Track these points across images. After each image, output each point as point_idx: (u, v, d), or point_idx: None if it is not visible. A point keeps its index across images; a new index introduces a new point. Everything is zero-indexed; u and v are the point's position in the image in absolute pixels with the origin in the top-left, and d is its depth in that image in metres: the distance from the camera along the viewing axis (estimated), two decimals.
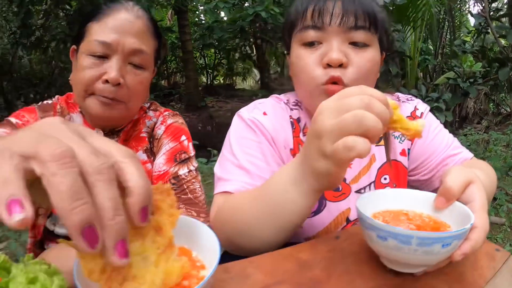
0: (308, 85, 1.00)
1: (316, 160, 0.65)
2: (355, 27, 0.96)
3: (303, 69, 1.00)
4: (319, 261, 0.67)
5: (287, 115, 1.12)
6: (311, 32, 0.98)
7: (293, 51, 1.05)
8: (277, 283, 0.61)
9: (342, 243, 0.74)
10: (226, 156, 1.06)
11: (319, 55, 0.98)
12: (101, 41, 1.06)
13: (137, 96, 1.15)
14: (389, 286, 0.61)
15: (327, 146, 0.61)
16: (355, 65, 0.97)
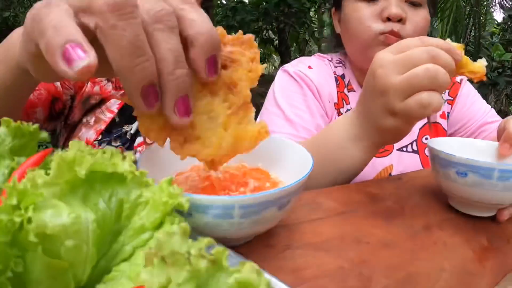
0: (364, 36, 0.99)
1: (383, 117, 0.62)
2: None
3: (361, 20, 0.99)
4: (388, 195, 0.67)
5: (331, 71, 1.14)
6: None
7: (347, 5, 1.04)
8: (351, 211, 0.60)
9: (405, 183, 0.74)
10: (270, 109, 1.06)
11: (378, 8, 0.98)
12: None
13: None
14: (462, 219, 0.61)
15: (396, 103, 0.58)
16: (413, 22, 0.98)
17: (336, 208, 0.61)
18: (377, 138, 0.67)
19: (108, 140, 1.12)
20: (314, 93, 1.07)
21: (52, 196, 0.24)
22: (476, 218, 0.61)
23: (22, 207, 0.22)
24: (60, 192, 0.24)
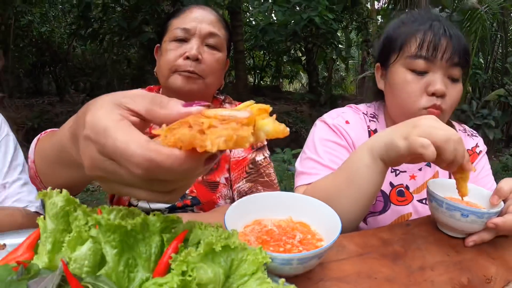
0: (410, 109, 1.19)
1: (398, 137, 0.86)
2: (457, 64, 1.15)
3: (409, 94, 1.18)
4: (397, 240, 0.88)
5: (366, 125, 1.33)
6: (421, 62, 1.16)
7: (396, 72, 1.22)
8: (367, 253, 0.82)
9: (412, 229, 0.95)
10: (309, 155, 1.27)
11: (424, 83, 1.16)
12: (182, 27, 1.29)
13: (213, 73, 1.33)
14: (451, 261, 0.81)
15: (413, 134, 0.82)
16: (451, 97, 1.17)
17: (356, 251, 0.82)
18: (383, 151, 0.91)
19: None
20: (350, 145, 1.28)
21: (200, 261, 0.46)
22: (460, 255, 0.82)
23: (188, 269, 0.45)
24: (203, 259, 0.47)
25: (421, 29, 1.18)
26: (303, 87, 16.70)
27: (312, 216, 0.78)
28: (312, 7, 8.03)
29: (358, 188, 0.95)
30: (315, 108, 9.88)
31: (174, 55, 1.28)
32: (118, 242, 0.47)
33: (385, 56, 1.29)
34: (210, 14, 1.35)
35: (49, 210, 0.57)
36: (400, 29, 1.25)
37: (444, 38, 1.15)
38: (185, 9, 1.37)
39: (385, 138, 0.91)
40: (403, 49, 1.21)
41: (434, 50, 1.15)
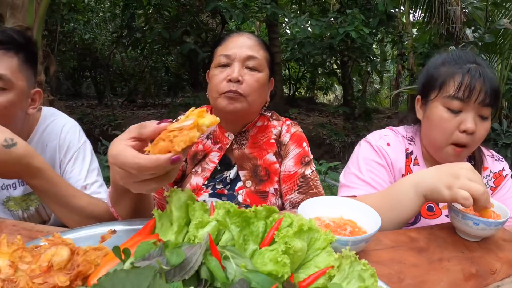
0: (441, 141, 1.43)
1: (443, 187, 1.10)
2: (488, 105, 1.37)
3: (444, 130, 1.41)
4: (422, 238, 1.13)
5: (404, 147, 1.56)
6: (457, 103, 1.38)
7: (435, 108, 1.44)
8: (398, 246, 1.07)
9: (435, 231, 1.19)
10: (352, 171, 1.53)
11: (458, 121, 1.39)
12: (224, 54, 1.49)
13: (254, 92, 1.49)
14: (464, 256, 1.06)
15: (455, 186, 1.07)
16: (479, 134, 1.40)
17: (389, 244, 1.08)
18: (427, 192, 1.15)
19: (213, 184, 1.59)
20: (389, 166, 1.52)
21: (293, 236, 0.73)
22: (472, 253, 1.06)
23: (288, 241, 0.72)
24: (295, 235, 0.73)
25: (459, 72, 1.39)
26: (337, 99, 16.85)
27: (358, 216, 1.05)
28: (348, 22, 8.23)
29: (398, 213, 1.21)
30: (349, 121, 10.04)
31: (218, 79, 1.48)
32: (240, 223, 0.75)
33: (425, 91, 1.51)
34: (248, 39, 1.54)
35: (175, 203, 0.82)
36: (441, 69, 1.47)
37: (479, 82, 1.35)
38: (227, 37, 1.58)
39: (431, 183, 1.14)
40: (442, 89, 1.42)
41: (469, 93, 1.35)
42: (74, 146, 1.61)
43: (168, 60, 12.27)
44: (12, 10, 4.03)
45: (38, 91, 1.53)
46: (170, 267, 0.58)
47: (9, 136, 1.18)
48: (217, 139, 1.61)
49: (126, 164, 0.78)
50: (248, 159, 1.58)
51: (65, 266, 0.71)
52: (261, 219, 0.77)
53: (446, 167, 1.15)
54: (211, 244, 0.67)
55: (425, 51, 9.63)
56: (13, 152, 1.16)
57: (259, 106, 1.60)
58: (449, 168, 1.14)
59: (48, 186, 1.27)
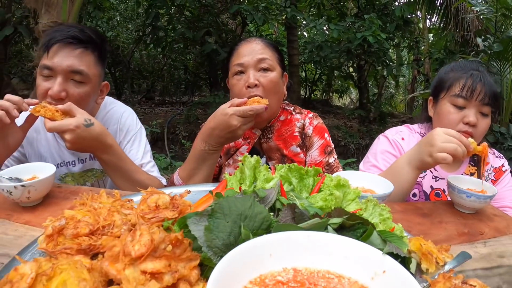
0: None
1: (426, 156, 1.40)
2: (487, 104, 1.68)
3: (450, 121, 1.71)
4: (426, 208, 1.42)
5: (417, 141, 1.83)
6: (461, 100, 1.69)
7: (444, 104, 1.76)
8: (406, 211, 1.35)
9: (437, 205, 1.49)
10: (370, 160, 1.83)
11: (462, 115, 1.70)
12: (237, 63, 1.73)
13: (271, 91, 1.71)
14: (459, 221, 1.33)
15: (433, 152, 1.36)
16: (481, 127, 1.71)
17: (400, 209, 1.37)
18: (418, 164, 1.45)
19: None
20: None
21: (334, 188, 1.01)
22: (466, 220, 1.33)
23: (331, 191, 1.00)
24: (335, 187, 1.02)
25: (464, 76, 1.72)
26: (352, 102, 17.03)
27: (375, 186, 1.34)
28: (365, 26, 8.45)
29: (401, 185, 1.48)
30: (364, 124, 10.24)
31: (238, 87, 1.72)
32: (298, 177, 1.05)
33: (436, 93, 1.83)
34: (257, 44, 1.76)
35: (247, 165, 1.08)
36: (449, 74, 1.80)
37: (479, 84, 1.67)
38: (236, 47, 1.81)
39: (418, 157, 1.44)
40: (449, 89, 1.75)
41: (471, 92, 1.68)
42: (132, 130, 1.92)
43: (187, 59, 12.53)
44: (47, 6, 4.26)
45: (106, 84, 1.83)
46: (259, 198, 0.86)
47: (87, 117, 1.46)
48: (246, 136, 1.89)
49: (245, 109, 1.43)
50: (276, 150, 1.86)
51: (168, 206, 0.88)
52: (311, 176, 1.07)
53: (424, 139, 1.43)
54: (281, 188, 0.96)
55: (441, 57, 9.78)
56: (92, 130, 1.45)
57: (278, 103, 1.84)
58: (425, 140, 1.41)
59: (117, 161, 1.56)
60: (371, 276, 0.65)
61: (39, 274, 0.60)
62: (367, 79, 11.15)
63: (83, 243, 0.74)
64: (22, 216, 1.20)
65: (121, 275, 0.61)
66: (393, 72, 10.83)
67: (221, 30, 9.43)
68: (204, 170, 1.51)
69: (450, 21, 8.88)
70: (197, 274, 0.68)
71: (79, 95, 1.62)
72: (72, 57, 1.59)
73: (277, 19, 8.96)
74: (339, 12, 10.86)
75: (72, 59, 1.59)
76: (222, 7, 9.32)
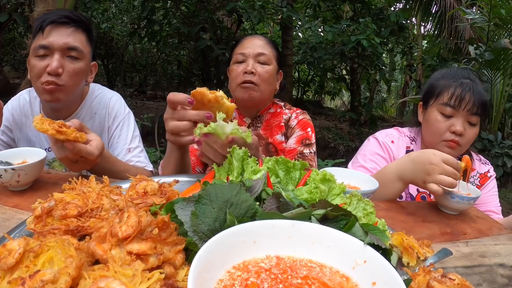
0: (436, 138, 1.75)
1: (419, 180, 1.39)
2: (475, 113, 1.69)
3: (438, 130, 1.73)
4: (411, 207, 1.45)
5: (405, 145, 1.89)
6: (449, 109, 1.71)
7: (432, 112, 1.78)
8: (391, 209, 1.38)
9: (422, 205, 1.51)
10: (359, 160, 1.86)
11: (449, 123, 1.72)
12: (240, 53, 1.93)
13: (265, 81, 1.90)
14: (443, 222, 1.36)
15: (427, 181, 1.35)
16: (468, 136, 1.73)
17: (384, 207, 1.39)
18: (409, 181, 1.46)
19: None
20: (390, 158, 1.85)
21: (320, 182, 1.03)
22: (449, 221, 1.36)
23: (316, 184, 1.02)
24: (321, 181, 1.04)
25: (453, 84, 1.73)
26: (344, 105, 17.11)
27: (361, 183, 1.36)
28: (360, 30, 8.50)
29: (387, 192, 1.49)
30: (354, 127, 10.31)
31: (237, 72, 1.91)
32: (285, 169, 1.07)
33: (426, 99, 1.85)
34: (259, 40, 1.99)
35: (236, 156, 1.08)
36: (439, 81, 1.81)
37: (469, 94, 1.68)
38: (242, 40, 2.02)
39: (411, 176, 1.42)
40: (438, 97, 1.77)
41: (459, 102, 1.69)
42: (121, 115, 1.96)
43: (181, 55, 12.50)
44: None
45: (95, 64, 1.90)
46: (245, 188, 0.86)
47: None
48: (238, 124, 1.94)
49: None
50: (263, 138, 2.00)
51: (157, 193, 0.90)
52: (297, 169, 1.08)
53: (420, 164, 1.39)
54: (268, 179, 0.97)
55: (434, 64, 9.88)
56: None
57: (270, 94, 1.99)
58: (423, 166, 1.37)
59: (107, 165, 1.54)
60: (352, 266, 0.67)
61: (27, 251, 0.61)
62: (359, 82, 11.21)
63: (71, 224, 0.75)
64: (11, 199, 1.20)
65: (107, 255, 0.63)
66: (385, 76, 10.90)
67: (216, 27, 9.41)
68: (172, 165, 1.49)
69: (444, 28, 8.94)
70: (182, 258, 0.69)
71: (74, 71, 1.70)
72: (66, 35, 1.69)
73: (272, 18, 8.96)
74: (335, 14, 10.91)
75: (67, 37, 1.68)
76: (218, 3, 9.31)
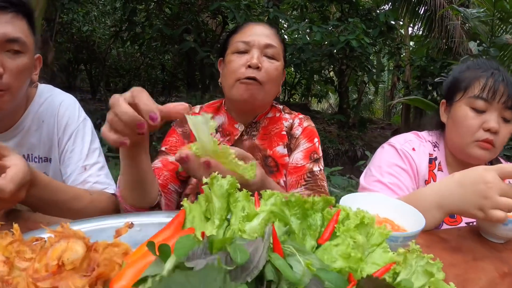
0: (466, 137, 1.46)
1: (473, 208, 1.08)
2: (510, 107, 1.43)
3: (469, 128, 1.45)
4: (452, 239, 1.15)
5: (428, 152, 1.58)
6: (482, 102, 1.44)
7: (459, 108, 1.50)
8: (432, 245, 1.09)
9: (463, 233, 1.22)
10: (374, 173, 1.54)
11: (482, 119, 1.44)
12: (243, 41, 1.47)
13: (272, 80, 1.48)
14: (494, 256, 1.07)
15: (487, 207, 1.04)
16: (503, 135, 1.45)
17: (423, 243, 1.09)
18: (452, 211, 1.16)
19: None
20: (413, 172, 1.53)
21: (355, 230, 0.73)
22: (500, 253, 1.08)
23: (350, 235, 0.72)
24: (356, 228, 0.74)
25: (484, 75, 1.46)
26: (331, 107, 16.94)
27: (393, 214, 1.05)
28: (349, 30, 8.29)
29: None
30: (343, 129, 10.12)
31: (237, 64, 1.45)
32: (301, 214, 0.72)
33: (450, 94, 1.57)
34: (266, 28, 1.53)
35: (217, 191, 0.73)
36: (465, 73, 1.53)
37: (502, 85, 1.42)
38: (244, 25, 1.56)
39: (458, 205, 1.12)
40: (467, 90, 1.49)
41: (493, 93, 1.42)
42: (73, 123, 1.54)
43: (165, 59, 12.21)
44: None
45: (39, 56, 1.47)
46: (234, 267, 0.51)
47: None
48: (227, 131, 1.59)
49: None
50: (259, 149, 1.56)
51: (81, 265, 0.59)
52: (318, 210, 0.74)
53: (471, 185, 1.10)
54: (275, 239, 0.60)
55: (422, 64, 9.76)
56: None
57: (273, 96, 1.58)
58: (475, 187, 1.09)
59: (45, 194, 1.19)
60: None
61: None
62: (347, 84, 11.04)
63: None
64: None
65: None
66: (374, 78, 10.74)
67: (200, 29, 9.15)
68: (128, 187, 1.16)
69: (434, 28, 8.78)
70: None
71: (17, 69, 1.29)
72: (4, 23, 1.27)
73: (259, 18, 8.72)
74: (322, 16, 10.70)
75: (5, 26, 1.27)
76: (202, 5, 9.04)
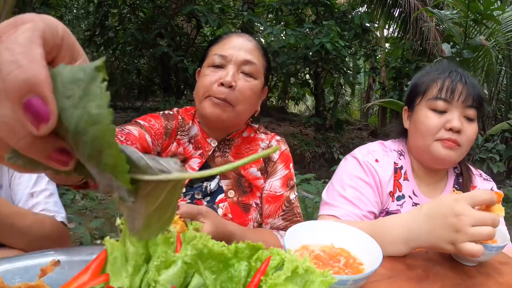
0: (428, 137, 1.39)
1: (444, 243, 0.95)
2: (471, 106, 1.36)
3: (430, 127, 1.38)
4: (419, 265, 1.03)
5: (393, 162, 1.49)
6: (441, 102, 1.37)
7: (420, 111, 1.43)
8: (396, 276, 0.96)
9: (431, 256, 1.10)
10: (336, 188, 1.43)
11: (443, 120, 1.37)
12: (219, 54, 1.36)
13: (245, 101, 1.36)
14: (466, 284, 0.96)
15: (459, 241, 0.92)
16: (468, 134, 1.38)
17: (386, 274, 0.97)
18: (424, 247, 1.04)
19: (191, 193, 1.43)
20: (377, 185, 1.43)
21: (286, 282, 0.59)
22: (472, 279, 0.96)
23: None
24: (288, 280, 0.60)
25: (441, 76, 1.41)
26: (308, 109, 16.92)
27: (350, 243, 0.93)
28: (324, 33, 8.24)
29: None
30: (320, 132, 10.06)
31: (209, 80, 1.35)
32: (217, 267, 0.61)
33: (411, 100, 1.50)
34: (248, 42, 1.42)
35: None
36: (424, 77, 1.48)
37: (460, 84, 1.37)
38: (224, 36, 1.45)
39: (427, 241, 1.01)
40: (426, 93, 1.43)
41: (452, 92, 1.36)
42: None
43: (140, 63, 12.01)
44: None
45: None
46: None
47: None
48: (199, 145, 1.46)
49: None
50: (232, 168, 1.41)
51: None
52: (243, 259, 0.63)
53: (440, 218, 0.98)
54: None
55: (397, 66, 9.79)
56: None
57: (247, 116, 1.47)
58: (445, 220, 0.96)
59: None
60: None
61: None
62: (323, 86, 11.00)
63: None
64: None
65: None
66: (350, 80, 10.72)
67: (175, 33, 8.98)
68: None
69: (409, 30, 8.82)
70: None
71: None
72: None
73: (233, 22, 8.62)
74: (297, 18, 10.64)
75: None
76: (177, 8, 8.88)
